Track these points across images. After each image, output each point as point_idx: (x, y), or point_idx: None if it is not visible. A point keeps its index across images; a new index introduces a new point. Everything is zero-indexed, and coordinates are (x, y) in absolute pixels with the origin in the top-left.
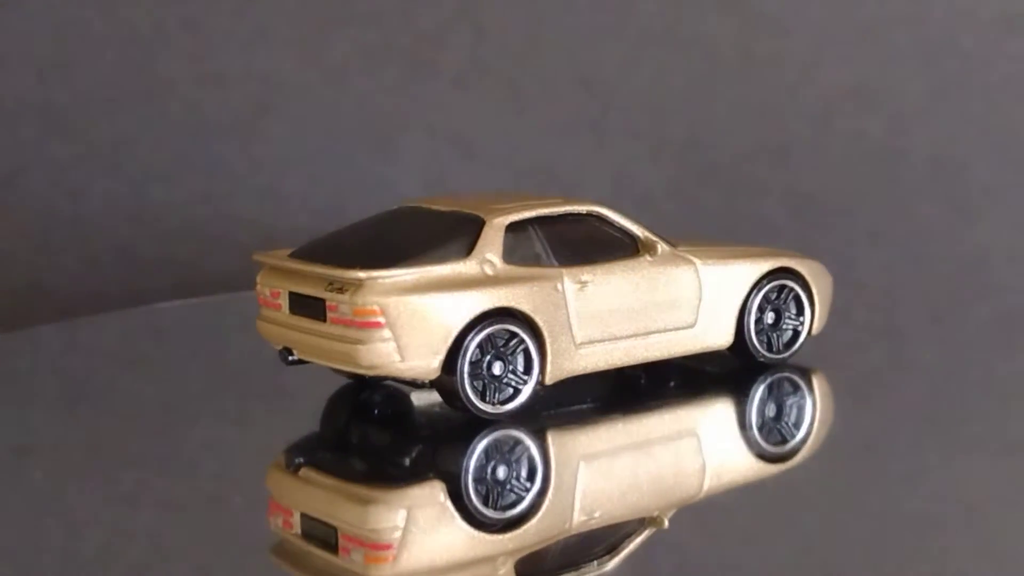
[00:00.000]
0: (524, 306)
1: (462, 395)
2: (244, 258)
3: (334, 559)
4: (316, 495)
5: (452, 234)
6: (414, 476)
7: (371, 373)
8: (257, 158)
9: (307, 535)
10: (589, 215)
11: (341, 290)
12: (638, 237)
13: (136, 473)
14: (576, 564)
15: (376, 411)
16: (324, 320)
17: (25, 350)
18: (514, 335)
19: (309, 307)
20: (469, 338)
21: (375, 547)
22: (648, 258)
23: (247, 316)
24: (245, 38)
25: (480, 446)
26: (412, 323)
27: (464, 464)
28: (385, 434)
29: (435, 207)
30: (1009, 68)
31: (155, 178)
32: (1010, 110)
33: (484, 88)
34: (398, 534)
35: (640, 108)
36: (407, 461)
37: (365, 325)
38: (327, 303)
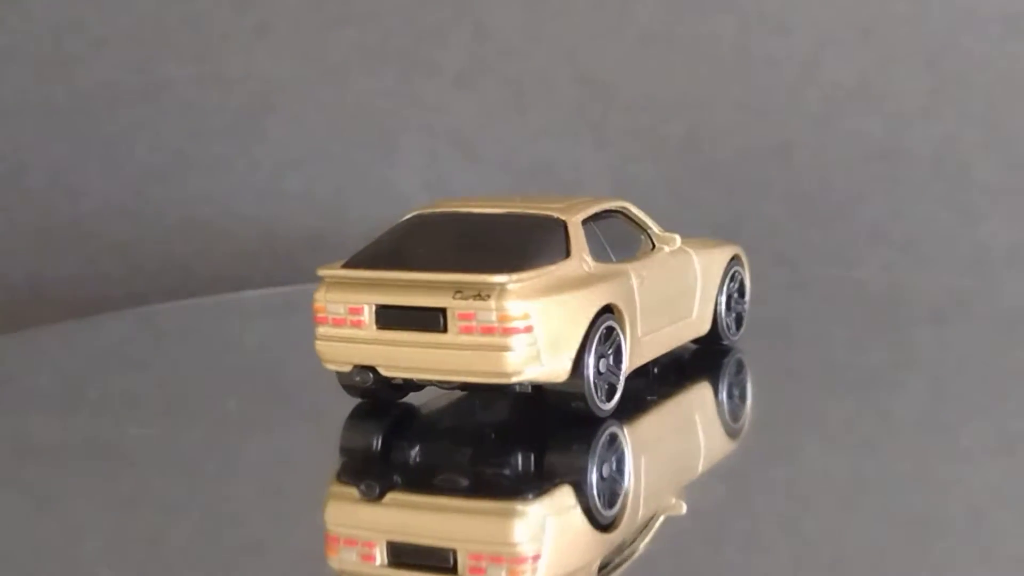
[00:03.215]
0: (620, 302)
1: (588, 394)
2: (244, 258)
3: None
4: (420, 519)
5: (541, 236)
6: (528, 485)
7: (511, 380)
8: (257, 158)
9: (404, 563)
10: (618, 211)
11: (479, 296)
12: (654, 231)
13: (136, 473)
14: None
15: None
16: (444, 330)
17: (25, 351)
18: (610, 331)
19: (414, 319)
20: (590, 336)
21: (519, 560)
22: (667, 250)
23: (247, 316)
24: (245, 38)
25: (581, 447)
26: (553, 325)
27: (576, 466)
28: (445, 447)
29: (485, 211)
30: (1009, 68)
31: (155, 178)
32: (1010, 110)
33: (484, 88)
34: (540, 544)
35: (640, 108)
36: (507, 471)
37: (513, 331)
38: (455, 312)
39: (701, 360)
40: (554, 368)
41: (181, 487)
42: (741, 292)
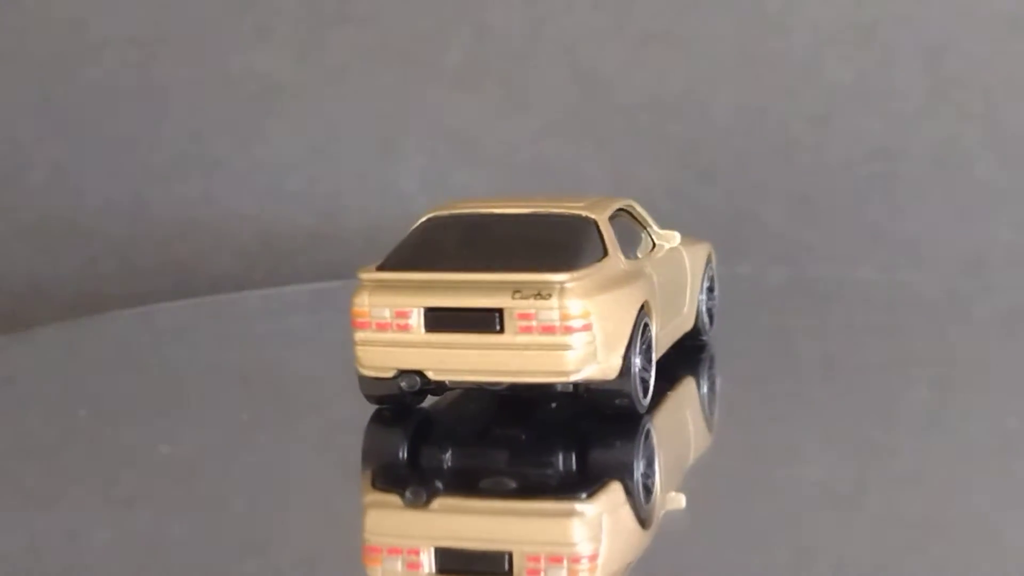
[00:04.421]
0: (650, 298)
1: (633, 391)
2: (244, 258)
3: None
4: (470, 523)
5: (578, 235)
6: (577, 484)
7: (569, 379)
8: (257, 158)
9: (455, 569)
10: (625, 209)
11: (539, 295)
12: (654, 229)
13: (136, 473)
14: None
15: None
16: (500, 331)
17: (25, 351)
18: (646, 327)
19: (468, 320)
20: (634, 333)
21: (578, 559)
22: (666, 247)
23: (247, 316)
24: (245, 38)
25: (624, 444)
26: (608, 323)
27: (622, 463)
28: (477, 450)
29: (510, 211)
30: (1009, 68)
31: (155, 178)
32: (1010, 110)
33: (484, 88)
34: (598, 543)
35: (640, 108)
36: (549, 471)
37: (574, 329)
38: (514, 312)
39: (689, 357)
40: (608, 365)
41: (180, 486)
42: (711, 288)
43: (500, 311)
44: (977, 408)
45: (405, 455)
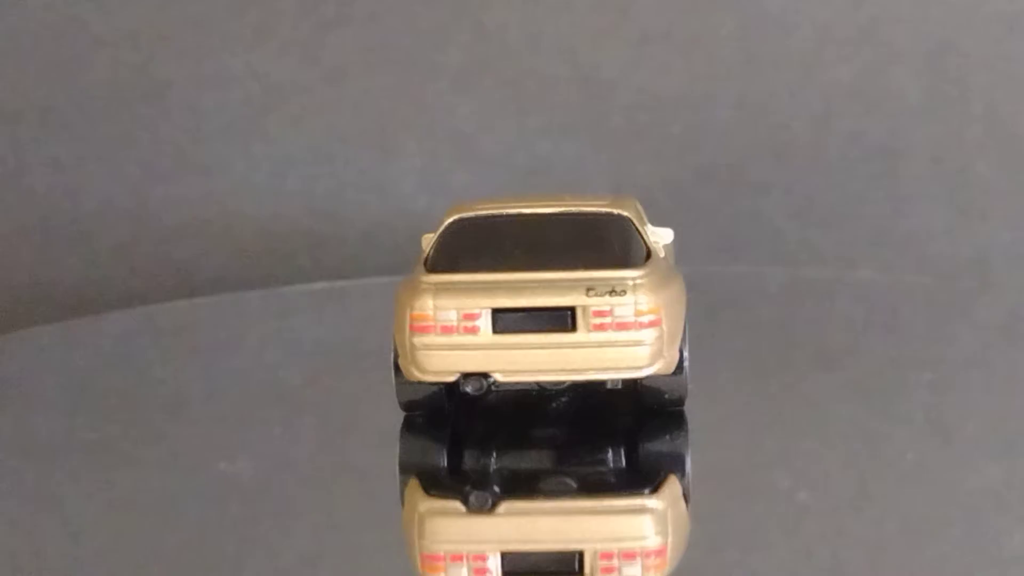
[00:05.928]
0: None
1: (684, 388)
2: (244, 258)
3: None
4: (535, 525)
5: (622, 233)
6: (631, 477)
7: (641, 374)
8: (257, 158)
9: (524, 572)
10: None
11: (613, 292)
12: (650, 227)
13: (136, 474)
14: None
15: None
16: (572, 329)
17: (25, 350)
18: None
19: (539, 320)
20: (685, 327)
21: (651, 554)
22: (661, 244)
23: (247, 316)
24: (245, 38)
25: (676, 437)
26: (671, 317)
27: (675, 456)
28: (522, 452)
29: (543, 211)
30: (1009, 68)
31: (155, 178)
32: (1010, 110)
33: (484, 88)
34: (666, 537)
35: (640, 108)
36: (601, 468)
37: (647, 325)
38: (589, 309)
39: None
40: (671, 359)
41: (181, 487)
42: None
43: (572, 309)
44: (977, 408)
45: (446, 460)
